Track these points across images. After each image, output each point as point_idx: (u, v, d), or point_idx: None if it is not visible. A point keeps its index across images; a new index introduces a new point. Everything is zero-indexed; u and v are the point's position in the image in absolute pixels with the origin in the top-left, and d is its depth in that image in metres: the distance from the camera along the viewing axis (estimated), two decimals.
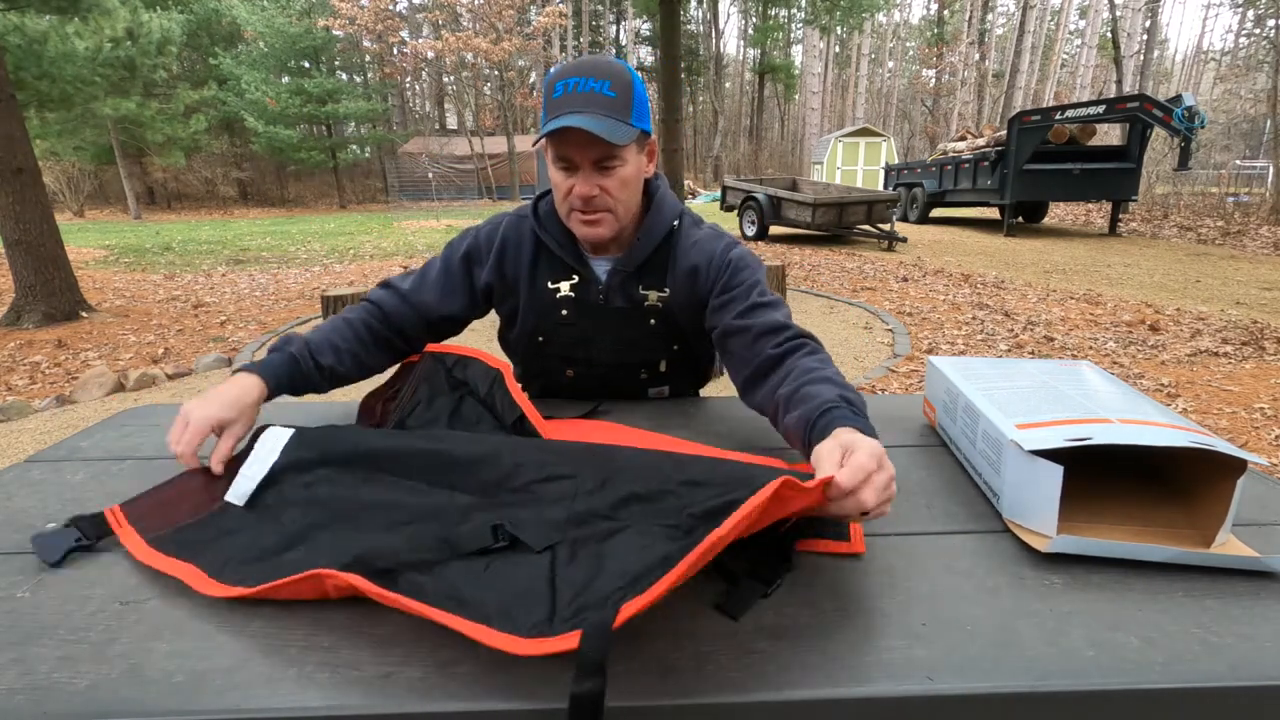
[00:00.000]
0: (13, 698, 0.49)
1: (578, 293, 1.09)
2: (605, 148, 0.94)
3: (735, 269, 1.04)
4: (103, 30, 9.08)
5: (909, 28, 37.69)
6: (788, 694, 0.50)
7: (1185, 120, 8.76)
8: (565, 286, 1.09)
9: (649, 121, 1.01)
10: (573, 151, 0.95)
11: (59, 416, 3.36)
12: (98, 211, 18.97)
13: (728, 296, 1.02)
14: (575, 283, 1.09)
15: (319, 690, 0.50)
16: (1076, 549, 0.66)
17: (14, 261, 5.03)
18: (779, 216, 9.76)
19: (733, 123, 35.12)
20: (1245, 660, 0.53)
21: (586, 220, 1.01)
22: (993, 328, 4.79)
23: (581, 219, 1.01)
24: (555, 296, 1.10)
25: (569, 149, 0.95)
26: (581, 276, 1.09)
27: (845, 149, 19.76)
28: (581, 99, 0.92)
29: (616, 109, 0.93)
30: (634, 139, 0.97)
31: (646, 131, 1.01)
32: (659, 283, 1.09)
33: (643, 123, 0.98)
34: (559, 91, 0.93)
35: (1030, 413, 0.77)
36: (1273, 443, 2.76)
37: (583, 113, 0.91)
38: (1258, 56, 25.68)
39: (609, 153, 0.95)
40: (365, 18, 19.16)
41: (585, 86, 0.92)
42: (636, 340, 1.11)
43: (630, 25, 31.14)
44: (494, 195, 21.14)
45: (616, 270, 1.08)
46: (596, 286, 1.09)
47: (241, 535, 0.68)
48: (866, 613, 0.59)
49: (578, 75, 0.93)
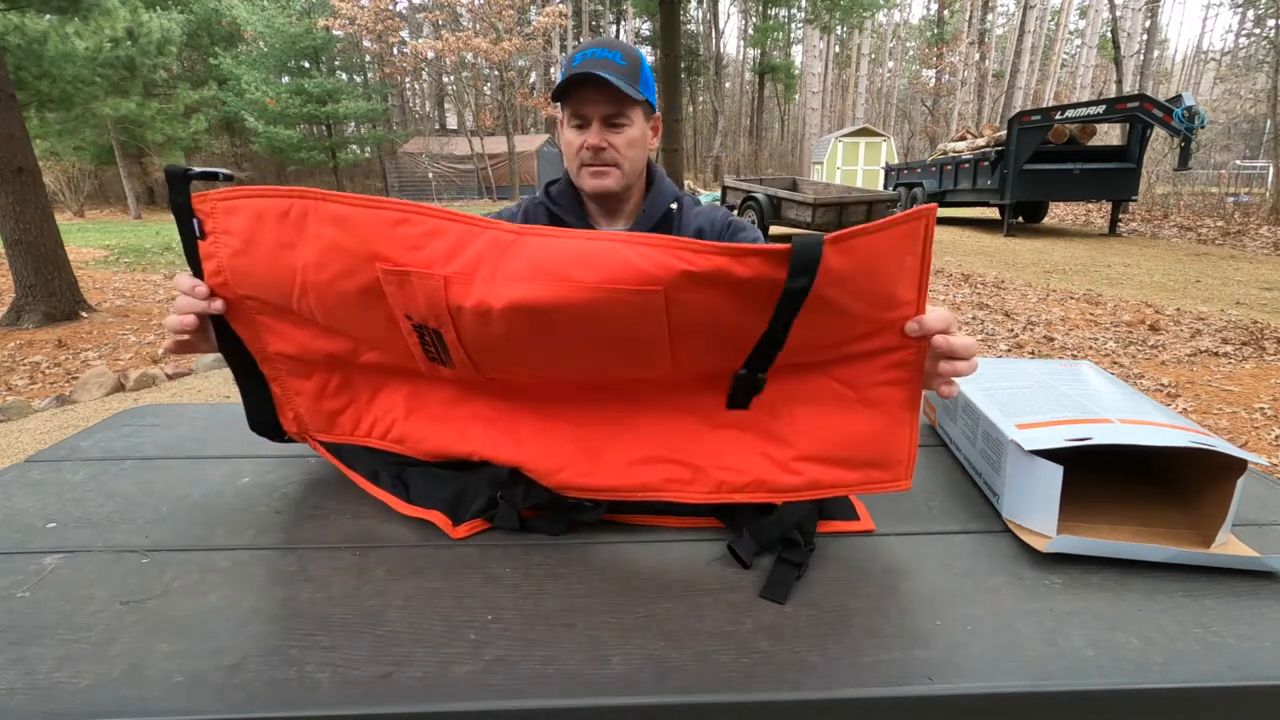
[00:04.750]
0: (13, 698, 0.49)
1: None
2: (614, 105, 1.05)
3: (737, 229, 1.18)
4: (103, 30, 9.09)
5: (909, 28, 37.68)
6: (788, 694, 0.50)
7: (1185, 120, 8.76)
8: None
9: (654, 98, 1.12)
10: (586, 108, 1.06)
11: (59, 416, 3.36)
12: (98, 211, 18.96)
13: None
14: None
15: (319, 690, 0.50)
16: (1076, 549, 0.66)
17: (14, 261, 5.02)
18: (779, 216, 9.75)
19: (733, 123, 35.12)
20: (1245, 660, 0.53)
21: (595, 171, 1.09)
22: (993, 328, 4.79)
23: (590, 170, 1.09)
24: None
25: (583, 105, 1.05)
26: None
27: (845, 149, 19.76)
28: (596, 64, 1.04)
29: (626, 75, 1.05)
30: (640, 103, 1.08)
31: (652, 105, 1.11)
32: None
33: (649, 94, 1.09)
34: (578, 60, 1.05)
35: (1030, 413, 0.77)
36: (1273, 443, 2.76)
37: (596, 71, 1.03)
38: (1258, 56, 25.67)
39: (618, 110, 1.06)
40: (365, 18, 19.16)
41: (600, 55, 1.05)
42: None
43: (630, 25, 31.14)
44: (494, 195, 21.12)
45: None
46: None
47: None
48: (866, 613, 0.59)
49: (595, 48, 1.06)
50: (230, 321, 0.72)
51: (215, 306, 0.70)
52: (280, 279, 0.67)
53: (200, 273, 0.69)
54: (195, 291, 0.69)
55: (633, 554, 0.69)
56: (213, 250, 0.68)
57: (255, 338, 0.74)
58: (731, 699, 0.50)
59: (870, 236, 0.58)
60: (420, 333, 0.67)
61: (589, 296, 0.59)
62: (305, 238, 0.64)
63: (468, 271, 0.61)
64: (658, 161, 1.15)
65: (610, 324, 0.61)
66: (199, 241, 0.67)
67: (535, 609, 0.60)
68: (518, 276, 0.60)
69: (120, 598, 0.61)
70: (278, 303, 0.70)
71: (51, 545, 0.70)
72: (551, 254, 0.60)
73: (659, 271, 0.58)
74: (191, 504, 0.79)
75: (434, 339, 0.67)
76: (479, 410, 0.76)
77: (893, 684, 0.51)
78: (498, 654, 0.54)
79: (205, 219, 0.67)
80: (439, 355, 0.69)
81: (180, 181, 0.67)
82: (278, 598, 0.61)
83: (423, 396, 0.78)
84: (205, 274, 0.69)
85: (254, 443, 0.83)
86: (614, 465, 0.72)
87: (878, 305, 0.62)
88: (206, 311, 0.70)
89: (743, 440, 0.70)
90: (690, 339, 0.63)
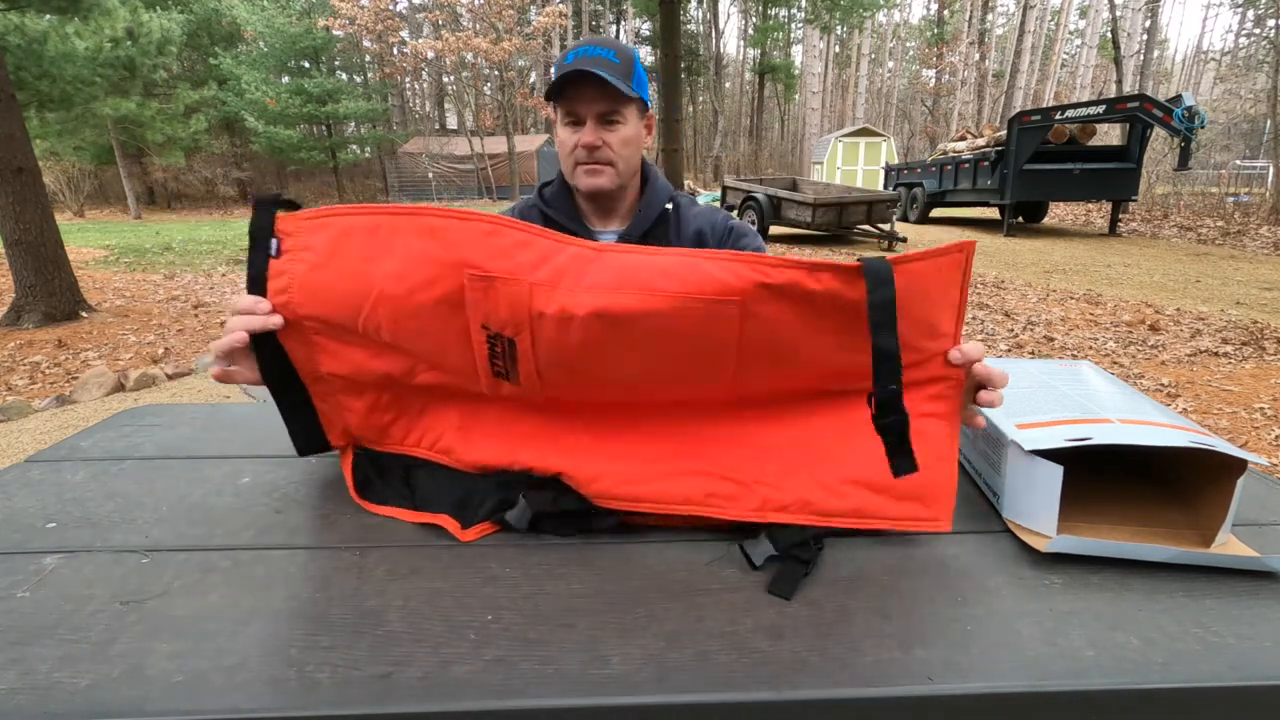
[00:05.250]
0: (13, 698, 0.49)
1: None
2: (608, 102, 1.05)
3: (738, 234, 1.17)
4: (103, 30, 9.09)
5: (909, 28, 37.69)
6: (788, 694, 0.50)
7: (1185, 120, 8.76)
8: None
9: (647, 95, 1.11)
10: (580, 106, 1.06)
11: (59, 416, 3.36)
12: (98, 211, 18.96)
13: None
14: None
15: (319, 690, 0.50)
16: (1076, 549, 0.66)
17: (14, 261, 5.02)
18: (779, 216, 9.75)
19: (733, 123, 35.12)
20: (1245, 660, 0.53)
21: (590, 170, 1.09)
22: (993, 328, 4.79)
23: (585, 169, 1.09)
24: None
25: (577, 104, 1.05)
26: None
27: (845, 149, 19.77)
28: (589, 61, 1.03)
29: (618, 73, 1.04)
30: (633, 100, 1.07)
31: (645, 103, 1.11)
32: None
33: (641, 92, 1.09)
34: (570, 59, 1.05)
35: (1030, 413, 0.77)
36: (1273, 443, 2.76)
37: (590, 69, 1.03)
38: (1258, 56, 25.67)
39: (612, 108, 1.06)
40: (365, 18, 19.16)
41: (593, 53, 1.05)
42: None
43: (630, 25, 31.13)
44: (494, 195, 21.12)
45: (623, 239, 1.16)
46: None
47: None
48: (866, 613, 0.59)
49: (588, 45, 1.06)
50: (284, 340, 0.74)
51: (275, 321, 0.71)
52: (355, 291, 0.70)
53: (262, 293, 0.71)
54: (257, 307, 0.71)
55: (633, 554, 0.69)
56: (286, 267, 0.71)
57: (309, 358, 0.76)
58: (731, 699, 0.50)
59: (921, 263, 0.62)
60: (492, 345, 0.69)
61: (668, 305, 0.62)
62: (392, 251, 0.68)
63: (552, 280, 0.64)
64: (657, 162, 1.16)
65: (685, 335, 0.64)
66: (270, 260, 0.71)
67: (535, 609, 0.59)
68: (602, 286, 0.64)
69: (120, 598, 0.61)
70: (341, 321, 0.72)
71: (51, 545, 0.70)
72: (634, 267, 0.64)
73: (737, 282, 0.62)
74: (191, 504, 0.79)
75: (506, 349, 0.69)
76: (530, 429, 0.77)
77: (893, 684, 0.51)
78: (498, 654, 0.54)
79: (285, 238, 0.71)
80: (505, 369, 0.71)
81: (271, 206, 0.71)
82: (278, 598, 0.61)
83: (476, 415, 0.79)
84: (269, 292, 0.71)
85: (254, 443, 0.83)
86: (655, 476, 0.72)
87: (924, 333, 0.66)
88: (265, 327, 0.71)
89: (789, 459, 0.71)
90: (756, 354, 0.66)
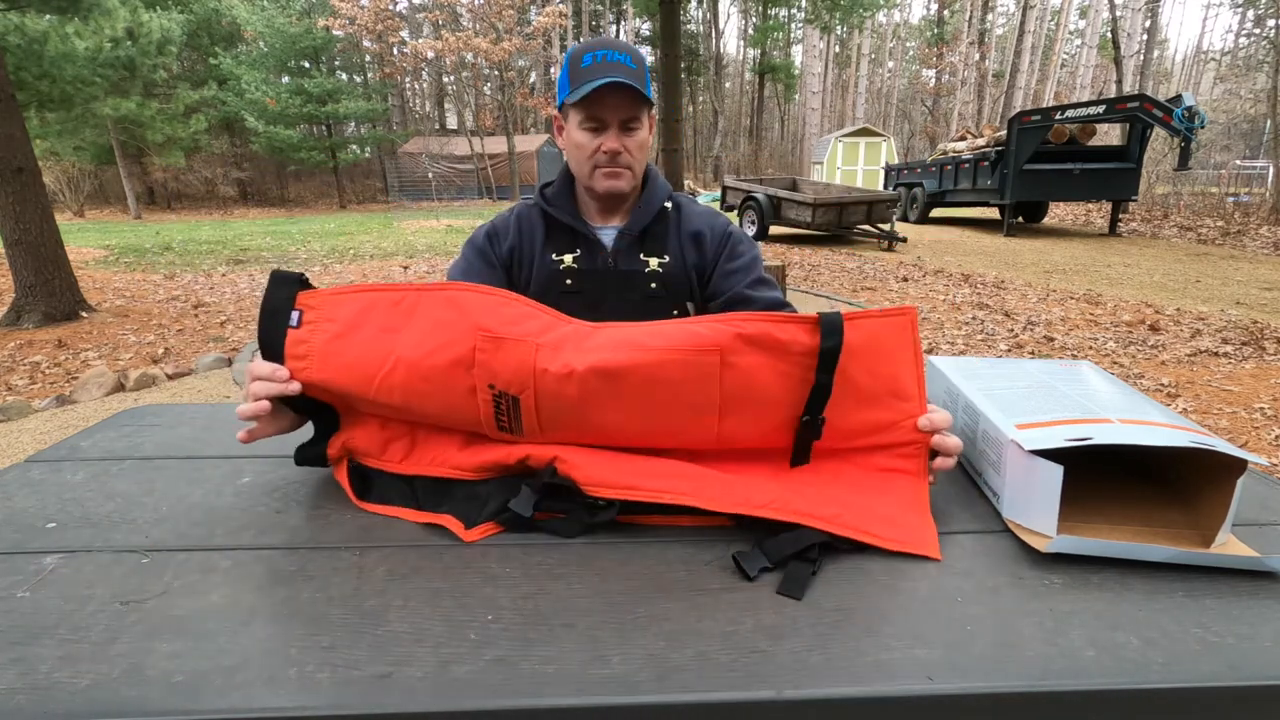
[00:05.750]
0: (13, 698, 0.49)
1: (581, 264, 1.17)
2: (632, 108, 1.08)
3: (736, 240, 1.20)
4: (103, 30, 9.08)
5: (909, 28, 37.67)
6: (788, 694, 0.50)
7: (1185, 120, 8.76)
8: (568, 259, 1.17)
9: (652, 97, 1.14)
10: (606, 112, 1.07)
11: (59, 416, 3.36)
12: (98, 211, 18.96)
13: (734, 265, 1.17)
14: (578, 255, 1.18)
15: (319, 690, 0.50)
16: (1076, 549, 0.66)
17: (14, 261, 5.02)
18: (779, 216, 9.76)
19: (733, 123, 35.13)
20: (1245, 660, 0.53)
21: (610, 173, 1.12)
22: (993, 328, 4.79)
23: (605, 172, 1.12)
24: (559, 268, 1.17)
25: (604, 110, 1.07)
26: (587, 246, 1.18)
27: (845, 149, 19.76)
28: (614, 69, 1.05)
29: (639, 79, 1.07)
30: (649, 105, 1.11)
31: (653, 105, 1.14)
32: (659, 250, 1.19)
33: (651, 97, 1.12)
34: (588, 61, 1.06)
35: (1030, 413, 0.77)
36: (1273, 443, 2.76)
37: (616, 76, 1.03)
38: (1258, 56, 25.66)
39: (635, 114, 1.09)
40: (365, 18, 19.14)
41: (613, 58, 1.06)
42: (638, 305, 1.18)
43: (630, 25, 31.12)
44: (494, 195, 21.12)
45: (623, 234, 1.18)
46: (604, 252, 1.18)
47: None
48: (866, 612, 0.59)
49: (605, 49, 1.07)
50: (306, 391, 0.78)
51: (293, 388, 0.75)
52: (372, 358, 0.75)
53: (280, 360, 0.76)
54: (276, 375, 0.75)
55: (633, 554, 0.69)
56: (306, 336, 0.76)
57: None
58: (731, 699, 0.50)
59: (869, 320, 0.73)
60: (498, 403, 0.75)
61: (658, 358, 0.72)
62: (412, 321, 0.76)
63: (556, 344, 0.73)
64: (657, 162, 1.18)
65: (672, 384, 0.72)
66: (290, 330, 0.76)
67: (535, 609, 0.59)
68: (600, 347, 0.73)
69: (120, 598, 0.61)
70: (355, 389, 0.77)
71: (51, 545, 0.70)
72: (628, 330, 0.75)
73: (717, 336, 0.71)
74: (191, 504, 0.79)
75: (510, 406, 0.75)
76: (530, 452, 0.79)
77: (893, 684, 0.51)
78: (498, 654, 0.54)
79: (308, 310, 0.76)
80: (509, 424, 0.77)
81: (292, 285, 0.77)
82: (278, 598, 0.61)
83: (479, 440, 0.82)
84: (287, 358, 0.76)
85: (254, 443, 0.82)
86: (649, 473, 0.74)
87: (890, 390, 0.75)
88: (284, 393, 0.75)
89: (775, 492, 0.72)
90: (737, 404, 0.74)
